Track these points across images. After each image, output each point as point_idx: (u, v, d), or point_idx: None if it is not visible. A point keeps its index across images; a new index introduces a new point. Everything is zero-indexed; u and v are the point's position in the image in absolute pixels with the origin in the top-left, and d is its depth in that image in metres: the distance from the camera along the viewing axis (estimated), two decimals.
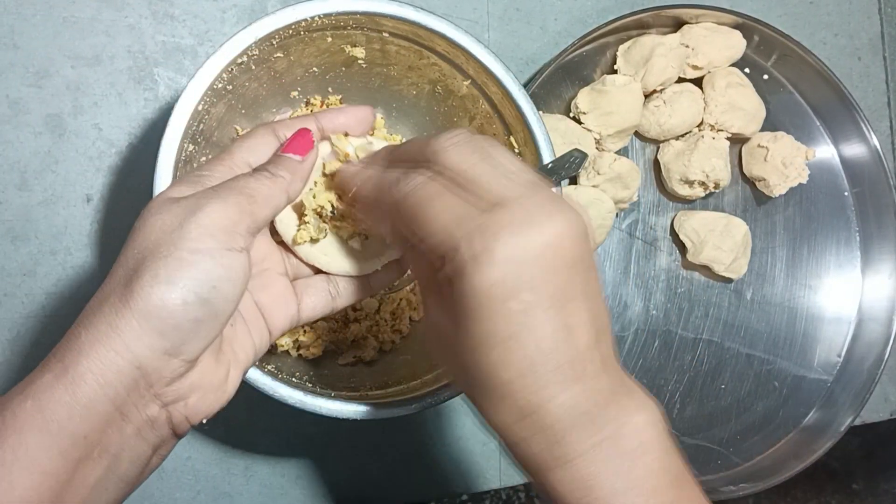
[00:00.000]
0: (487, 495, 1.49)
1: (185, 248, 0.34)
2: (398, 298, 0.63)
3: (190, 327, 0.34)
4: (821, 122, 0.81)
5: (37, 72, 0.62)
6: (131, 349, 0.33)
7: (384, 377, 0.57)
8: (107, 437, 0.34)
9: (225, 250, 0.36)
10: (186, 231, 0.35)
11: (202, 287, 0.34)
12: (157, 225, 0.35)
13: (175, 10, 0.65)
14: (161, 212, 0.36)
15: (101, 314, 0.34)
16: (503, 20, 0.73)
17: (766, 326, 0.79)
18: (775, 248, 0.79)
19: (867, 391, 0.76)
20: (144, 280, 0.34)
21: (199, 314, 0.35)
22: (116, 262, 0.36)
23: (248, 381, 0.48)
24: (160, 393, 0.35)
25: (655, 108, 0.73)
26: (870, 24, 0.85)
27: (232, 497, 0.65)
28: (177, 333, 0.34)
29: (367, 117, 0.45)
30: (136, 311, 0.33)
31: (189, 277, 0.34)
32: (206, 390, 0.37)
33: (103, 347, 0.33)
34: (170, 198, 0.37)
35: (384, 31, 0.54)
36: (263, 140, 0.42)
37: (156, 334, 0.34)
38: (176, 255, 0.34)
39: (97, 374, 0.33)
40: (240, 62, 0.50)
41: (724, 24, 0.75)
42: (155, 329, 0.33)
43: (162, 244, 0.35)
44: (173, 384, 0.35)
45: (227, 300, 0.36)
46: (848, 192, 0.81)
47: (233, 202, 0.36)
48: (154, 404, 0.35)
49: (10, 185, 0.61)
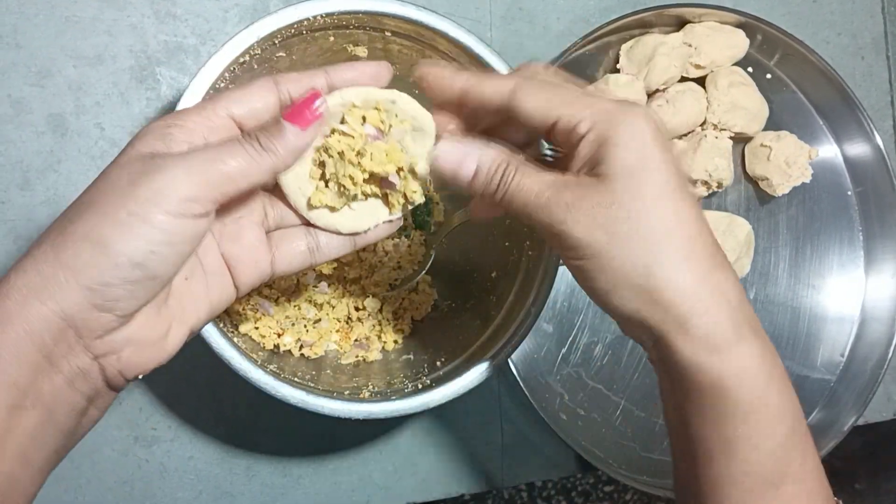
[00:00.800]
0: (490, 495, 1.49)
1: (125, 209, 0.33)
2: (400, 298, 0.63)
3: (121, 285, 0.34)
4: (824, 121, 0.81)
5: (39, 71, 0.62)
6: (57, 300, 0.33)
7: (386, 377, 0.57)
8: (37, 386, 0.33)
9: (173, 217, 0.34)
10: (133, 192, 0.34)
11: (136, 252, 0.33)
12: (109, 177, 0.35)
13: (177, 10, 0.65)
14: (120, 165, 0.35)
15: (33, 259, 0.33)
16: (506, 19, 0.73)
17: (769, 326, 0.78)
18: (778, 248, 0.79)
19: (870, 391, 0.75)
20: (77, 234, 0.33)
21: (130, 276, 0.34)
22: (63, 211, 0.35)
23: (251, 380, 0.48)
24: (90, 345, 0.34)
25: (658, 108, 0.73)
26: (873, 23, 0.84)
27: (234, 497, 0.65)
28: (106, 290, 0.33)
29: (381, 73, 0.42)
30: (64, 264, 0.33)
31: (122, 241, 0.33)
32: (142, 345, 0.36)
33: (30, 295, 0.33)
34: (139, 153, 0.35)
35: (386, 31, 0.54)
36: (259, 92, 0.39)
37: (83, 289, 0.33)
38: (113, 216, 0.33)
39: (22, 318, 0.32)
40: (242, 61, 0.50)
41: (727, 23, 0.75)
42: (82, 284, 0.33)
43: (106, 200, 0.34)
44: (105, 337, 0.35)
45: (168, 264, 0.35)
46: (851, 191, 0.81)
47: (199, 171, 0.35)
48: (85, 356, 0.34)
49: (12, 184, 0.61)
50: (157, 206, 0.34)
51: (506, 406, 0.71)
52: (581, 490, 1.57)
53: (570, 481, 1.57)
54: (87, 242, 0.33)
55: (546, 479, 0.71)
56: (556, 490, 1.56)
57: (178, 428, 0.64)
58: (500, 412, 0.71)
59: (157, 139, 0.36)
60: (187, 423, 0.64)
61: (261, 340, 0.57)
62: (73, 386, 0.34)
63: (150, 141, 0.36)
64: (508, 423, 0.71)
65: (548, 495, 1.56)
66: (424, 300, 0.64)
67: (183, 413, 0.64)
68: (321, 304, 0.60)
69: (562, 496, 1.56)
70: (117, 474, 0.63)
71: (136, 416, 0.63)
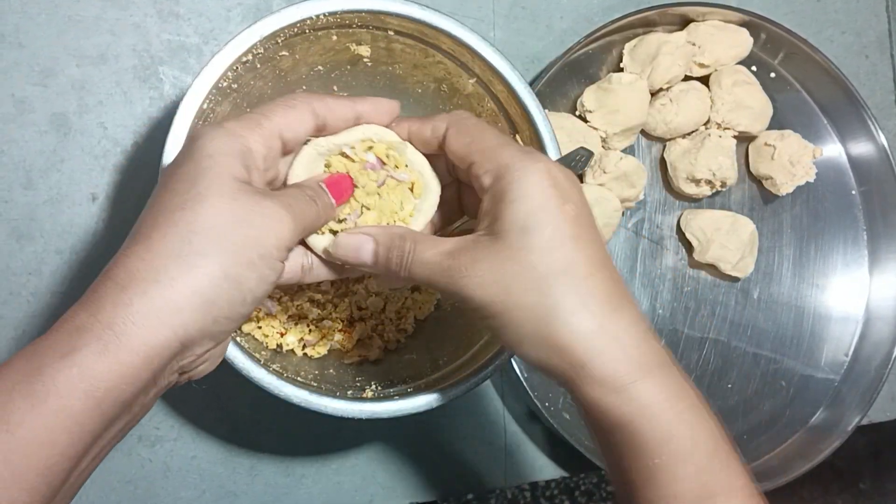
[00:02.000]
0: (493, 494, 1.49)
1: (257, 253, 0.36)
2: (403, 297, 0.63)
3: (236, 318, 0.37)
4: (828, 120, 0.81)
5: (42, 70, 0.62)
6: (186, 329, 0.34)
7: (389, 376, 0.57)
8: (137, 400, 0.35)
9: (280, 261, 0.38)
10: (264, 237, 0.36)
11: (259, 290, 0.37)
12: (231, 213, 0.36)
13: (180, 9, 0.65)
14: (235, 199, 0.36)
15: (159, 287, 0.34)
16: (509, 18, 0.73)
17: (772, 326, 0.78)
18: (782, 247, 0.79)
19: (874, 390, 0.75)
20: (215, 270, 0.35)
21: (246, 310, 0.37)
22: (169, 223, 0.35)
23: (254, 380, 0.48)
24: (186, 365, 0.37)
25: (662, 107, 0.73)
26: (877, 21, 0.84)
27: (237, 496, 0.65)
28: (226, 322, 0.36)
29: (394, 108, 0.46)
30: (200, 296, 0.34)
31: (254, 280, 0.36)
32: (213, 360, 0.39)
33: (160, 323, 0.33)
34: (233, 178, 0.37)
35: (389, 30, 0.54)
36: (304, 118, 0.41)
37: (210, 321, 0.35)
38: (248, 256, 0.36)
39: (148, 347, 0.33)
40: (245, 61, 0.50)
41: (731, 22, 0.75)
42: (212, 316, 0.35)
43: (237, 238, 0.35)
44: (197, 359, 0.37)
45: (258, 299, 0.38)
46: (855, 190, 0.81)
47: (296, 224, 0.38)
48: (177, 373, 0.37)
49: (15, 184, 0.61)
50: (278, 253, 0.37)
51: (509, 406, 0.71)
52: (584, 489, 1.57)
53: (574, 481, 1.57)
54: (226, 280, 0.35)
55: (549, 479, 0.71)
56: (560, 490, 1.56)
57: (181, 427, 0.64)
58: (503, 412, 0.71)
59: (239, 162, 0.37)
60: (190, 423, 0.64)
61: (264, 340, 0.57)
62: (157, 395, 0.37)
63: (235, 165, 0.37)
64: (511, 422, 0.71)
65: (551, 495, 1.56)
66: (427, 299, 0.63)
67: (186, 412, 0.64)
68: (324, 303, 0.60)
69: (565, 496, 1.56)
70: (121, 474, 0.63)
71: None
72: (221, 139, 0.37)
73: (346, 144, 0.44)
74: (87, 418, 0.32)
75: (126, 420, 0.35)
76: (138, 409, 0.36)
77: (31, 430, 0.31)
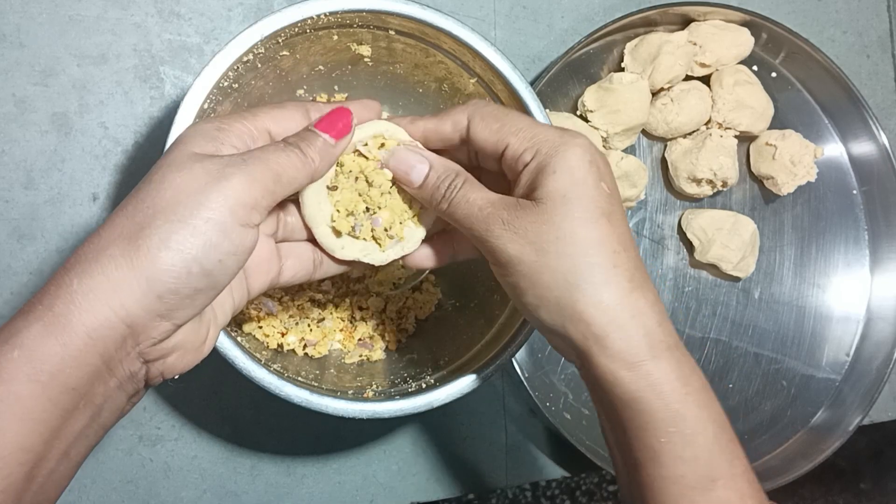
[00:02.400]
0: (494, 494, 1.49)
1: (201, 217, 0.34)
2: (404, 297, 0.63)
3: (188, 294, 0.35)
4: (829, 119, 0.81)
5: (43, 70, 0.62)
6: (126, 307, 0.33)
7: (390, 376, 0.57)
8: (93, 389, 0.34)
9: (239, 226, 0.35)
10: (207, 199, 0.34)
11: (209, 260, 0.35)
12: (175, 182, 0.35)
13: (181, 9, 0.65)
14: (182, 168, 0.35)
15: (99, 265, 0.33)
16: (510, 18, 0.73)
17: (774, 325, 0.78)
18: (783, 247, 0.79)
19: (876, 390, 0.75)
20: (153, 241, 0.33)
21: (200, 284, 0.35)
22: (120, 210, 0.35)
23: (255, 380, 0.48)
24: (145, 351, 0.35)
25: (663, 106, 0.73)
26: (878, 21, 0.84)
27: (238, 496, 0.65)
28: (174, 298, 0.34)
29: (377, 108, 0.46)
30: (139, 271, 0.33)
31: (199, 248, 0.34)
32: (186, 350, 0.38)
33: (98, 301, 0.33)
34: (192, 153, 0.36)
35: (390, 29, 0.54)
36: (292, 115, 0.42)
37: (154, 297, 0.33)
38: (191, 223, 0.34)
39: (89, 327, 0.32)
40: (245, 60, 0.50)
41: (732, 22, 0.75)
42: (154, 292, 0.33)
43: (178, 206, 0.34)
44: (159, 344, 0.35)
45: (228, 274, 0.36)
46: (856, 190, 0.81)
47: (259, 178, 0.36)
48: (137, 361, 0.35)
49: (16, 183, 0.61)
50: (233, 216, 0.35)
51: (510, 405, 0.71)
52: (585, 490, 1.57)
53: (575, 481, 1.57)
54: (163, 250, 0.33)
55: (550, 479, 0.71)
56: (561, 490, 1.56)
57: (182, 427, 0.64)
58: (503, 411, 0.71)
59: (207, 141, 0.37)
60: (191, 423, 0.64)
61: (264, 340, 0.57)
62: (122, 387, 0.35)
63: (199, 142, 0.37)
64: (512, 422, 0.71)
65: (552, 495, 1.56)
66: (428, 299, 0.63)
67: (187, 412, 0.64)
68: (325, 303, 0.60)
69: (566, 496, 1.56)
70: (122, 473, 0.63)
71: (140, 416, 0.63)
72: (195, 125, 0.38)
73: (359, 141, 0.44)
74: (35, 404, 0.32)
75: (89, 414, 0.34)
76: (101, 401, 0.34)
77: None
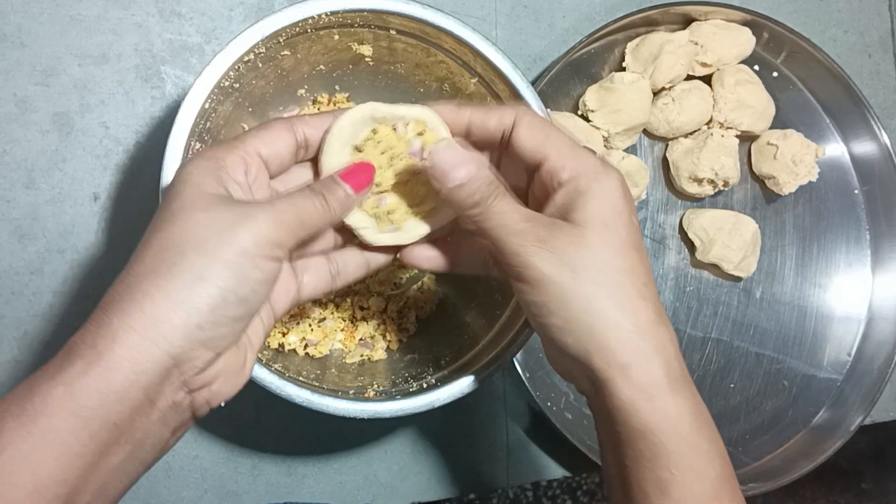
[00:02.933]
0: (495, 494, 1.49)
1: (232, 251, 0.35)
2: (405, 297, 0.63)
3: (226, 322, 0.36)
4: (831, 119, 0.80)
5: (44, 70, 0.62)
6: (168, 339, 0.34)
7: (391, 376, 0.57)
8: (133, 424, 0.34)
9: (267, 259, 0.37)
10: (236, 235, 0.36)
11: (243, 288, 0.36)
12: (202, 221, 0.36)
13: (182, 8, 0.65)
14: (206, 209, 0.36)
15: (134, 301, 0.34)
16: (511, 17, 0.73)
17: (775, 325, 0.78)
18: (785, 247, 0.79)
19: (877, 390, 0.75)
20: (188, 276, 0.35)
21: (236, 312, 0.36)
22: (145, 249, 0.36)
23: (256, 380, 0.48)
24: (188, 381, 0.36)
25: (664, 106, 0.73)
26: (880, 20, 0.84)
27: (239, 496, 0.65)
28: (214, 328, 0.35)
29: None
30: (177, 304, 0.34)
31: (233, 279, 0.36)
32: (228, 375, 0.38)
33: (139, 336, 0.33)
34: (210, 194, 0.37)
35: (391, 29, 0.54)
36: (279, 135, 0.42)
37: (194, 327, 0.34)
38: (223, 257, 0.35)
39: (132, 362, 0.33)
40: (247, 60, 0.50)
41: (734, 21, 0.75)
42: (193, 322, 0.34)
43: (208, 242, 0.35)
44: (202, 373, 0.36)
45: (260, 300, 0.38)
46: (858, 189, 0.81)
47: (285, 221, 0.38)
48: (181, 391, 0.36)
49: (17, 183, 0.61)
50: (259, 249, 0.36)
51: (511, 405, 0.71)
52: (586, 489, 1.57)
53: (576, 480, 1.57)
54: (201, 282, 0.35)
55: (551, 479, 0.71)
56: (562, 489, 1.56)
57: None
58: (505, 411, 0.71)
59: (215, 180, 0.38)
60: None
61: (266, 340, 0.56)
62: (164, 420, 0.36)
63: (209, 181, 0.38)
64: (513, 422, 0.71)
65: (553, 494, 1.55)
66: (429, 299, 0.63)
67: None
68: (326, 302, 0.60)
69: (567, 495, 1.56)
70: None
71: None
72: (195, 163, 0.39)
73: (401, 118, 0.44)
74: (75, 439, 0.32)
75: (129, 449, 0.35)
76: (142, 435, 0.35)
77: (18, 449, 0.31)
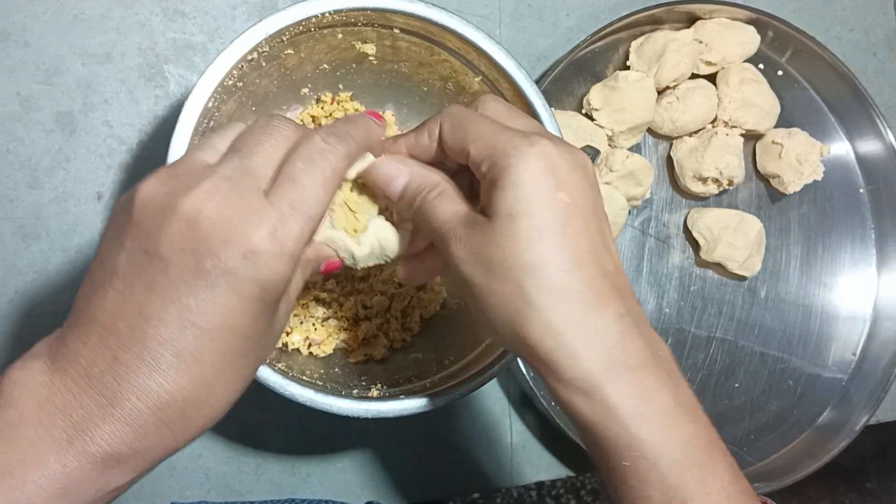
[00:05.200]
0: (499, 493, 1.49)
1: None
2: (408, 296, 0.63)
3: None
4: (836, 118, 0.80)
5: (47, 69, 0.62)
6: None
7: (395, 375, 0.57)
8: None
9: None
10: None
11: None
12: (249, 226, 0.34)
13: (185, 7, 0.65)
14: (262, 226, 0.34)
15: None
16: (515, 16, 0.73)
17: (780, 325, 0.78)
18: (789, 246, 0.79)
19: (882, 390, 0.75)
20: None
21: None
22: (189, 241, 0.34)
23: (259, 379, 0.48)
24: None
25: (668, 105, 0.73)
26: (885, 19, 0.84)
27: (242, 495, 0.65)
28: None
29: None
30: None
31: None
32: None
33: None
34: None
35: (395, 28, 0.54)
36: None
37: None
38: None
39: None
40: (250, 59, 0.50)
41: (738, 20, 0.75)
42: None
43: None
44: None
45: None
46: (863, 188, 0.81)
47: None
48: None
49: (21, 182, 0.61)
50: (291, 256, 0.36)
51: (515, 404, 0.70)
52: (590, 489, 1.57)
53: (580, 480, 1.57)
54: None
55: (555, 478, 0.71)
56: (566, 489, 1.56)
57: None
58: (509, 410, 0.70)
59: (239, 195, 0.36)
60: None
61: None
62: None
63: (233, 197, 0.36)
64: (517, 421, 0.71)
65: (557, 494, 1.55)
66: (433, 298, 0.63)
67: None
68: (329, 302, 0.60)
69: (571, 495, 1.56)
70: None
71: None
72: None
73: (354, 178, 0.42)
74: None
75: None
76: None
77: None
